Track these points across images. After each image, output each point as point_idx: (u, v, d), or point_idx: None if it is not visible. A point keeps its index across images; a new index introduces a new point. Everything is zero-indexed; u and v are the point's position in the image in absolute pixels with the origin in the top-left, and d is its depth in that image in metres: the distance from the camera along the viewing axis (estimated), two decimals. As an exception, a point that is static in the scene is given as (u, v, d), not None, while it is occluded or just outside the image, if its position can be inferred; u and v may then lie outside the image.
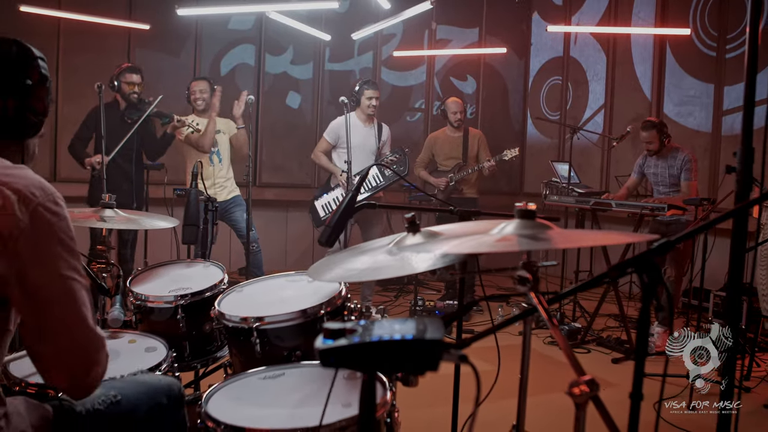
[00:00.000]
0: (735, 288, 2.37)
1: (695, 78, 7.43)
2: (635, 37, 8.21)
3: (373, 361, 1.21)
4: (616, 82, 8.48)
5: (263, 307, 2.40)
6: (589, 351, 5.60)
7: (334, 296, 2.39)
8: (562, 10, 9.32)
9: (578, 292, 1.77)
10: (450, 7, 9.33)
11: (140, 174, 5.99)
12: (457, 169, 6.86)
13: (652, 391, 4.19)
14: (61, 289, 1.53)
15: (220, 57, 8.40)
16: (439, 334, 1.21)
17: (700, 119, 7.36)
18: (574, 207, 6.19)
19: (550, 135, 9.58)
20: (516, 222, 1.70)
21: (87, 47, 7.61)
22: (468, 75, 9.74)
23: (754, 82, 2.12)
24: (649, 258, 1.45)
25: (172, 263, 3.19)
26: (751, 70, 2.11)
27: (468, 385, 2.95)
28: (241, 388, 2.07)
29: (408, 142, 8.77)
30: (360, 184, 2.48)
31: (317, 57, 8.84)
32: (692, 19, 7.40)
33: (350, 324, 1.28)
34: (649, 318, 1.46)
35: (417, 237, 2.02)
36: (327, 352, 1.23)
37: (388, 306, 7.02)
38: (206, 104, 6.11)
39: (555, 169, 6.84)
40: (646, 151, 5.98)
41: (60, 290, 1.52)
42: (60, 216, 1.56)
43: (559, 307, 6.32)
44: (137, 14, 7.68)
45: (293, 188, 8.65)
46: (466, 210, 2.75)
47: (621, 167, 7.92)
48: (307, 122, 8.84)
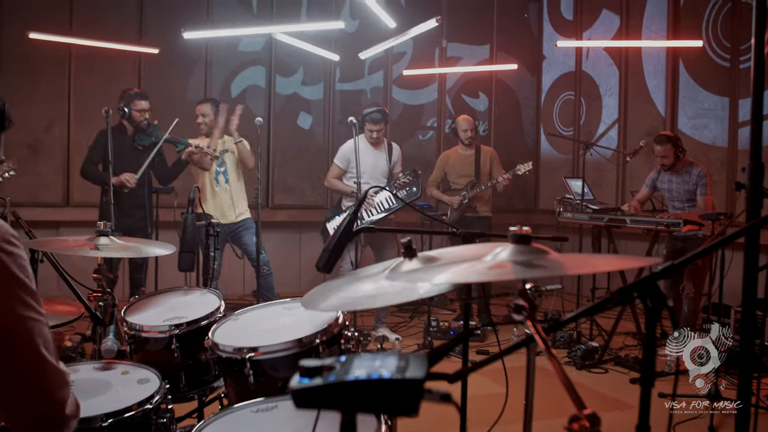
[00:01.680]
0: (749, 305, 2.28)
1: (709, 91, 7.32)
2: (647, 51, 8.12)
3: (350, 402, 1.14)
4: (629, 96, 8.38)
5: (258, 337, 2.33)
6: (606, 371, 5.48)
7: (331, 324, 2.32)
8: (573, 25, 9.25)
9: (582, 317, 1.70)
10: (460, 25, 9.30)
11: (150, 199, 5.97)
12: (470, 186, 6.79)
13: (668, 414, 4.06)
14: (18, 330, 1.46)
15: (231, 79, 8.41)
16: (420, 373, 1.14)
17: (715, 132, 7.24)
18: (589, 224, 6.08)
19: (564, 151, 9.48)
20: (511, 247, 1.62)
21: (97, 71, 7.66)
22: (480, 92, 9.68)
23: (761, 96, 2.04)
24: (652, 282, 1.38)
25: (169, 291, 3.13)
26: (757, 83, 2.03)
27: (476, 408, 2.86)
28: (231, 423, 2.00)
29: (420, 160, 8.72)
30: (358, 207, 2.41)
31: (328, 77, 8.82)
32: (705, 30, 7.30)
33: (329, 360, 1.21)
34: (654, 344, 1.39)
35: (413, 262, 1.94)
36: (300, 393, 1.16)
37: (402, 327, 6.93)
38: (208, 127, 6.09)
39: (568, 186, 6.75)
40: (660, 165, 5.88)
41: (17, 331, 1.45)
42: (14, 255, 1.49)
43: (576, 326, 6.21)
44: (147, 38, 7.71)
45: (306, 209, 8.60)
46: (469, 232, 2.68)
47: (636, 182, 7.80)
48: (319, 143, 8.81)
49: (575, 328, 6.17)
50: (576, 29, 9.16)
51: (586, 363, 5.56)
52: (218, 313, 2.76)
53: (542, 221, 9.08)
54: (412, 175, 6.28)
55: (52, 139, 7.66)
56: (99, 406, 2.08)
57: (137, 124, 5.80)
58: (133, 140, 5.79)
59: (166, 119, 7.57)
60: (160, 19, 7.87)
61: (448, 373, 1.32)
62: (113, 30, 7.50)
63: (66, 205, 7.70)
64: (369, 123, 6.25)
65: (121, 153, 5.63)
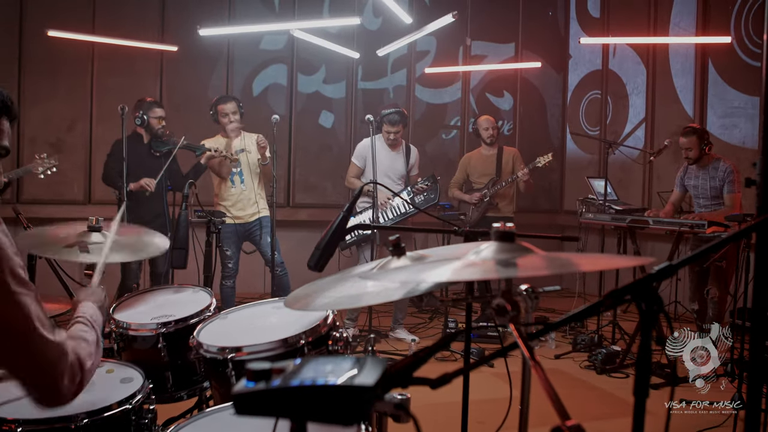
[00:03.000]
0: (761, 307, 2.17)
1: (738, 89, 7.12)
2: (675, 49, 7.94)
3: (292, 409, 1.05)
4: (657, 94, 8.20)
5: (243, 336, 2.26)
6: (627, 376, 5.35)
7: (318, 324, 2.24)
8: (600, 22, 9.08)
9: (568, 324, 1.60)
10: (485, 23, 9.17)
11: (167, 205, 5.95)
12: (490, 184, 6.70)
13: (694, 422, 3.92)
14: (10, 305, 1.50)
15: (252, 77, 8.38)
16: (371, 380, 1.05)
17: (745, 132, 7.04)
18: (611, 225, 5.94)
19: (590, 151, 9.31)
20: (494, 245, 1.53)
21: (120, 70, 7.68)
22: (504, 91, 9.54)
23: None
24: (647, 284, 1.29)
25: (161, 288, 3.08)
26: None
27: (483, 411, 2.76)
28: (209, 425, 1.92)
29: (444, 160, 8.62)
30: (352, 204, 2.33)
31: (350, 76, 8.76)
32: (733, 27, 7.10)
33: (281, 364, 1.14)
34: (650, 350, 1.30)
35: (401, 261, 1.86)
36: (241, 398, 1.08)
37: (421, 329, 6.83)
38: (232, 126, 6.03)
39: (591, 186, 6.62)
40: (685, 159, 5.71)
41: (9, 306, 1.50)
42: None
43: (597, 329, 6.08)
44: (169, 36, 7.72)
45: (327, 208, 8.54)
46: (472, 230, 2.59)
47: (663, 183, 7.63)
48: (341, 142, 8.75)
49: (596, 332, 6.04)
50: (603, 27, 8.99)
51: (606, 367, 5.43)
52: (208, 311, 2.69)
53: (567, 222, 8.94)
54: (430, 180, 6.20)
55: (75, 137, 7.69)
56: (79, 404, 2.01)
57: (155, 131, 5.81)
58: (150, 147, 5.80)
59: (187, 117, 7.61)
60: (181, 16, 7.87)
61: (430, 379, 1.23)
62: (135, 28, 7.52)
63: (88, 203, 7.73)
64: (387, 124, 6.19)
65: (138, 160, 5.65)
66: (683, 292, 6.15)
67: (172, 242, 3.34)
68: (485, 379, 5.12)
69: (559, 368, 5.56)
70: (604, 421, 4.31)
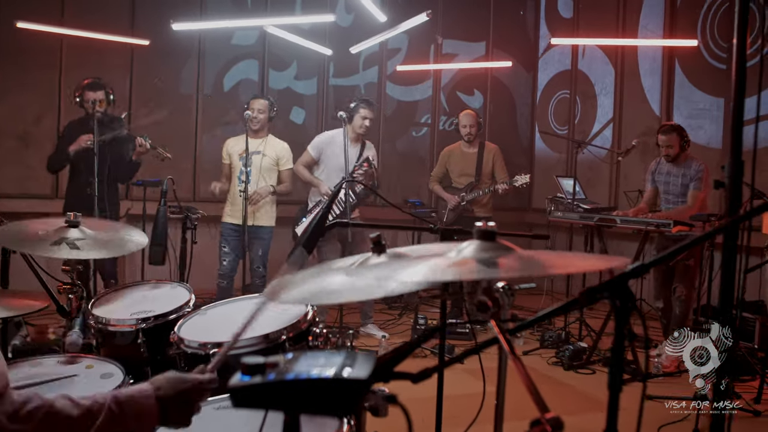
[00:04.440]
0: (726, 305, 2.26)
1: (704, 91, 7.28)
2: (643, 50, 8.08)
3: (288, 401, 1.09)
4: (625, 95, 8.33)
5: (224, 332, 2.28)
6: (593, 372, 5.45)
7: (299, 320, 2.27)
8: (569, 23, 9.20)
9: (546, 319, 1.65)
10: (456, 21, 9.23)
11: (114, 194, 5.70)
12: (469, 188, 6.73)
13: (657, 415, 4.02)
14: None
15: (224, 72, 8.34)
16: (363, 373, 1.09)
17: (710, 133, 7.19)
18: (579, 223, 6.04)
19: (558, 150, 9.44)
20: (476, 243, 1.56)
21: (89, 63, 7.55)
22: (475, 89, 9.62)
23: (743, 97, 2.01)
24: (621, 282, 1.34)
25: (138, 284, 3.08)
26: (739, 84, 2.00)
27: (457, 407, 2.81)
28: (193, 419, 1.94)
29: (414, 157, 8.67)
30: (331, 202, 2.37)
31: (321, 72, 8.76)
32: (701, 30, 7.25)
33: (274, 358, 1.17)
34: (623, 347, 1.35)
35: (382, 258, 1.89)
36: (237, 391, 1.11)
37: (391, 325, 6.88)
38: (261, 124, 5.99)
39: (560, 185, 6.71)
40: (665, 156, 5.78)
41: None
42: None
43: (564, 325, 6.17)
44: (139, 30, 7.64)
45: (298, 205, 8.52)
46: (447, 228, 2.63)
47: (630, 182, 7.76)
48: (312, 138, 8.72)
49: (564, 328, 6.13)
50: (573, 27, 9.11)
51: (574, 363, 5.52)
52: (187, 307, 2.71)
53: (535, 220, 9.04)
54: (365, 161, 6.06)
55: (42, 131, 7.59)
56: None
57: (91, 115, 5.52)
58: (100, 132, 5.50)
59: (158, 112, 7.57)
60: (152, 10, 7.79)
61: (411, 373, 1.27)
62: (105, 21, 7.43)
63: (55, 197, 7.63)
64: (365, 109, 6.04)
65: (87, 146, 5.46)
66: (647, 290, 6.27)
67: (151, 238, 3.34)
68: (456, 375, 5.16)
69: (527, 364, 5.57)
70: (573, 416, 4.38)
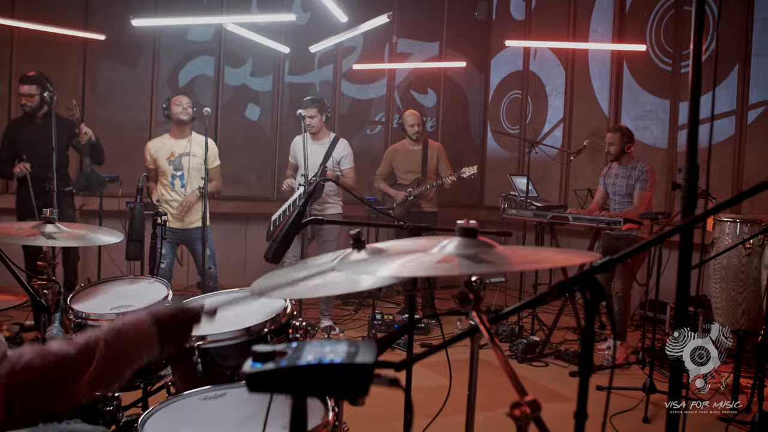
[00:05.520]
0: (682, 302, 2.38)
1: (651, 93, 7.53)
2: (593, 53, 8.30)
3: (302, 385, 1.17)
4: (575, 96, 8.56)
5: (206, 325, 2.33)
6: (546, 364, 5.61)
7: (279, 313, 2.34)
8: (522, 25, 9.39)
9: (522, 310, 1.76)
10: (411, 21, 9.35)
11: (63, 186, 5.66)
12: (416, 183, 6.82)
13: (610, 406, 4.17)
14: None
15: (179, 68, 8.31)
16: (370, 358, 1.18)
17: (656, 134, 7.45)
18: (532, 221, 6.21)
19: (510, 149, 9.64)
20: (457, 240, 1.66)
21: (42, 57, 7.45)
22: (429, 88, 9.77)
23: (698, 99, 2.13)
24: (591, 276, 1.45)
25: (115, 279, 3.09)
26: (695, 88, 2.12)
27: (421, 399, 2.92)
28: (179, 410, 2.00)
29: (368, 155, 8.74)
30: (308, 199, 2.45)
31: (277, 69, 8.79)
32: (648, 35, 7.50)
33: (281, 346, 1.25)
34: (593, 335, 1.45)
35: (362, 254, 1.98)
36: (254, 377, 1.19)
37: (347, 320, 6.97)
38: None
39: (513, 183, 6.86)
40: (606, 153, 5.98)
41: None
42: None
43: (518, 320, 6.33)
44: (93, 24, 7.55)
45: (252, 201, 8.56)
46: (417, 225, 2.72)
47: (580, 181, 7.98)
48: (267, 135, 8.78)
49: (517, 323, 6.29)
50: (525, 30, 9.30)
51: (527, 356, 5.68)
52: (166, 301, 2.75)
53: (487, 217, 9.20)
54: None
55: (-8, 124, 7.46)
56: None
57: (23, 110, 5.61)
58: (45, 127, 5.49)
59: (113, 107, 7.53)
60: (107, 4, 7.71)
61: (394, 362, 1.37)
62: (58, 15, 7.31)
63: (5, 192, 7.51)
64: (301, 108, 6.11)
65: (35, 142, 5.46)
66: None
67: (128, 234, 3.37)
68: (416, 370, 5.27)
69: (483, 358, 5.77)
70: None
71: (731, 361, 4.64)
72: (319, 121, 6.23)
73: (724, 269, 5.44)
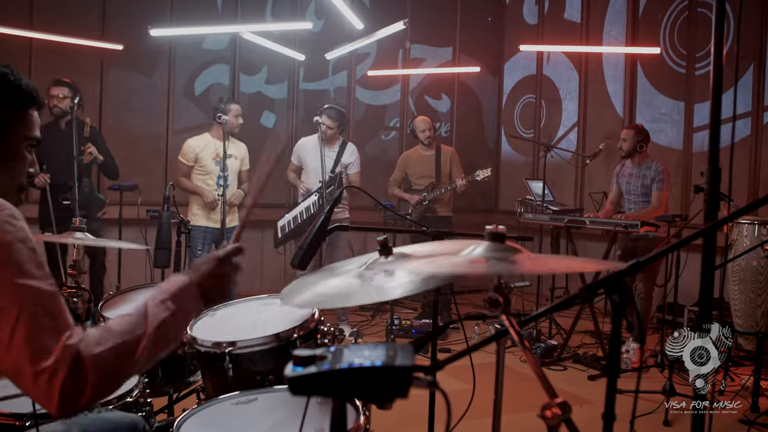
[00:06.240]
0: (706, 304, 2.40)
1: (666, 96, 7.53)
2: (607, 56, 8.31)
3: (343, 388, 1.20)
4: (589, 100, 8.57)
5: (236, 332, 2.37)
6: (565, 368, 5.61)
7: (307, 320, 2.37)
8: (535, 29, 9.41)
9: (552, 313, 1.78)
10: (424, 27, 9.38)
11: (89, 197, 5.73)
12: (430, 188, 6.86)
13: (628, 409, 4.21)
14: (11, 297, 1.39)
15: (195, 77, 8.37)
16: (408, 361, 1.21)
17: (671, 136, 7.45)
18: (549, 224, 6.21)
19: (524, 153, 9.65)
20: (485, 244, 1.69)
21: (60, 67, 7.49)
22: (442, 93, 9.81)
23: (720, 101, 2.15)
24: (619, 279, 1.47)
25: (143, 287, 3.13)
26: (716, 90, 2.14)
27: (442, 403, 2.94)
28: (212, 415, 2.04)
29: (383, 160, 8.79)
30: (333, 206, 2.48)
31: (292, 77, 8.85)
32: (662, 37, 7.51)
33: (320, 350, 1.27)
34: (620, 337, 1.47)
35: (389, 259, 1.99)
36: (296, 380, 1.22)
37: (364, 326, 7.00)
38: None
39: (529, 187, 6.88)
40: (619, 149, 5.97)
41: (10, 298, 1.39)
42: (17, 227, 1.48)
43: (536, 324, 6.33)
44: (110, 34, 7.62)
45: (268, 208, 8.58)
46: (439, 231, 2.75)
47: (594, 184, 7.99)
48: (282, 142, 8.82)
49: (535, 327, 6.30)
50: (538, 34, 9.32)
51: (545, 360, 5.69)
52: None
53: (503, 221, 9.11)
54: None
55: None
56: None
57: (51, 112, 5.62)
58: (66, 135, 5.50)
59: (130, 116, 7.59)
60: (123, 14, 7.78)
61: (425, 365, 1.40)
62: (75, 25, 7.40)
63: (26, 201, 7.56)
64: (322, 116, 6.20)
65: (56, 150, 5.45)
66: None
67: (156, 242, 3.41)
68: (437, 376, 5.29)
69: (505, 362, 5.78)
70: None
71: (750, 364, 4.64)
72: (335, 132, 6.33)
73: (742, 271, 5.43)
